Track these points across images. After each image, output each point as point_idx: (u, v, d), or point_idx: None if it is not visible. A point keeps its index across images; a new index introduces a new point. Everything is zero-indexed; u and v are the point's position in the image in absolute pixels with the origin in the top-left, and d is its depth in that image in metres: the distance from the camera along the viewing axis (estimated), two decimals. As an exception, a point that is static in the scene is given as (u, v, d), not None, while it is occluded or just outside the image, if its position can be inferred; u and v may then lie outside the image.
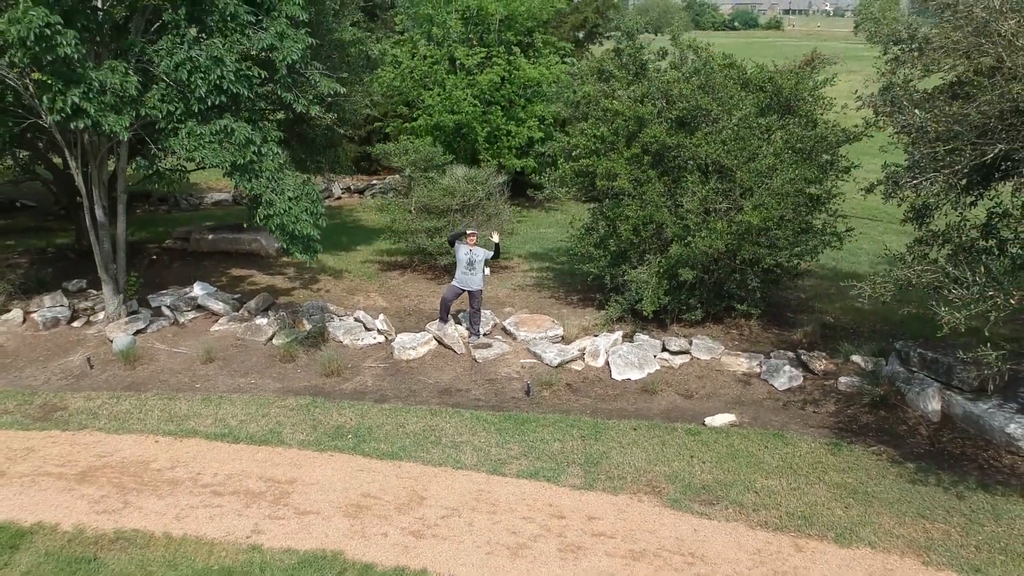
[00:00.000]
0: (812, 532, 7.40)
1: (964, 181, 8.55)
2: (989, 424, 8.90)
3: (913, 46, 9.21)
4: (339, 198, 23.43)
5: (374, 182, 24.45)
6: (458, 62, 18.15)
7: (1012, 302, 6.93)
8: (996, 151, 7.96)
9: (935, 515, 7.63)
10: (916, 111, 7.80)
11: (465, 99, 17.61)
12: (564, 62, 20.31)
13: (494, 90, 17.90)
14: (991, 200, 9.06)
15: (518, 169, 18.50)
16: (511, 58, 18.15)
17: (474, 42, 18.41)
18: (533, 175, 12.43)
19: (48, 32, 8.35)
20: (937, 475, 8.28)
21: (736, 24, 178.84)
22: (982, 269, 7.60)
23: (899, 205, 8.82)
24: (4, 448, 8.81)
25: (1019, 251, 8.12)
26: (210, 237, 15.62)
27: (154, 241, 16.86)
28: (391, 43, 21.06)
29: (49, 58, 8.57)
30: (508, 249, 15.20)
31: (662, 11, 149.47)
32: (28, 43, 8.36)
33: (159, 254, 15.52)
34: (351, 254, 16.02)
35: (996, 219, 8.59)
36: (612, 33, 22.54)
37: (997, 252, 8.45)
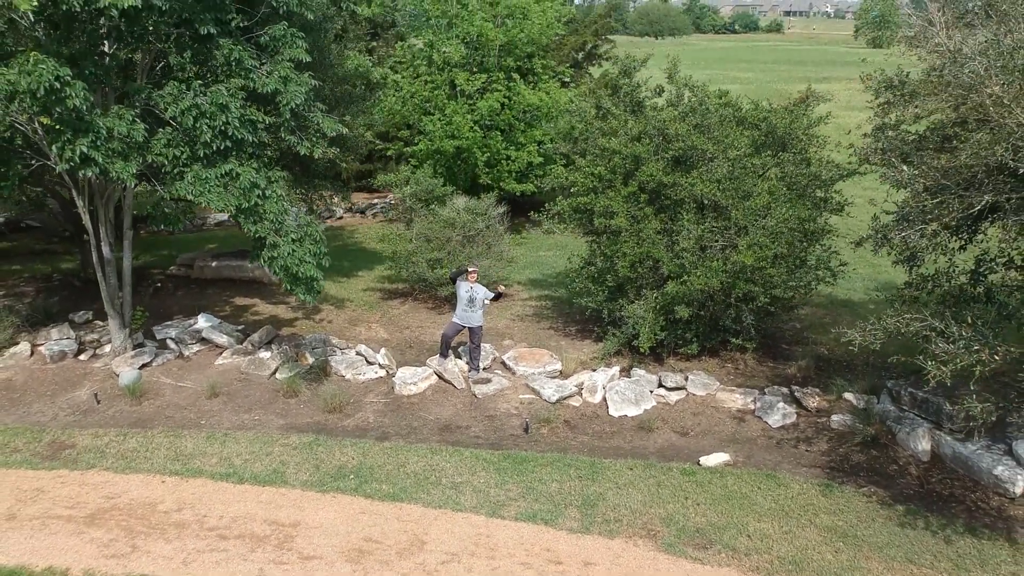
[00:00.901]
0: (803, 578, 7.59)
1: (954, 223, 8.78)
2: (977, 465, 9.08)
3: (905, 91, 9.43)
4: (341, 217, 23.65)
5: (375, 201, 24.68)
6: (458, 88, 18.37)
7: (996, 357, 7.13)
8: (983, 202, 8.17)
9: (923, 560, 7.82)
10: (904, 168, 7.99)
11: (465, 124, 17.83)
12: (565, 84, 20.59)
13: (494, 115, 18.12)
14: (978, 246, 9.25)
15: (518, 194, 18.72)
16: (511, 84, 18.37)
17: (474, 68, 18.63)
18: (534, 213, 12.61)
19: (58, 85, 8.56)
20: (925, 518, 8.47)
21: (736, 27, 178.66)
22: (968, 321, 7.81)
23: (888, 254, 9.02)
24: (15, 489, 9.01)
25: (1006, 299, 8.32)
26: (213, 264, 15.82)
27: (158, 266, 17.06)
28: (391, 62, 21.33)
29: (59, 109, 8.79)
30: (508, 276, 15.40)
31: (662, 14, 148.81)
32: (38, 95, 8.57)
33: (163, 281, 15.73)
34: (353, 281, 16.22)
35: (983, 266, 8.78)
36: (611, 55, 22.88)
37: (984, 299, 8.65)
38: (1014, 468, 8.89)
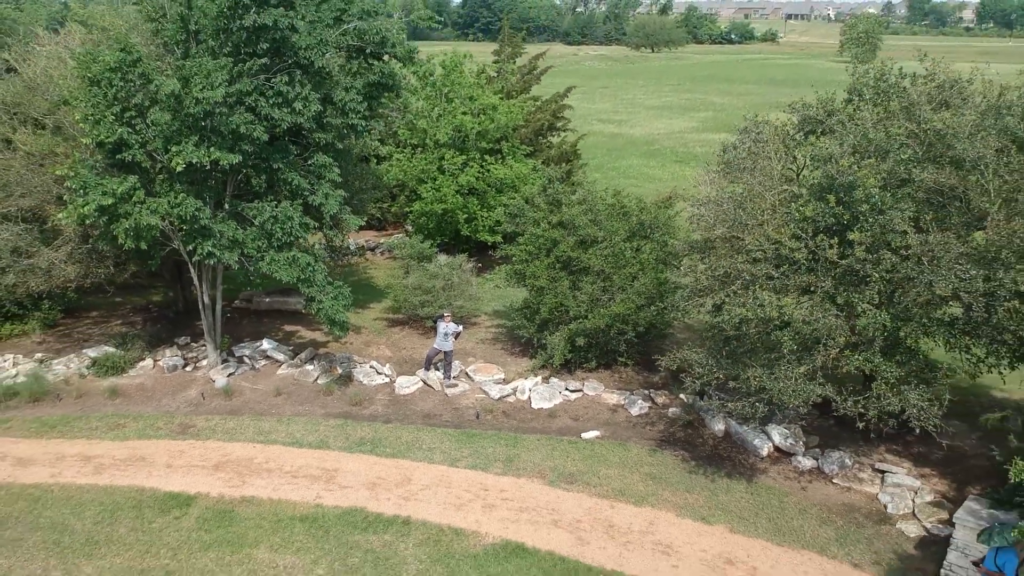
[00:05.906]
0: (622, 499, 13.04)
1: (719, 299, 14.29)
2: (747, 439, 14.62)
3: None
4: (355, 255, 29.09)
5: (381, 240, 30.10)
6: (445, 164, 23.94)
7: (721, 376, 12.71)
8: (728, 289, 13.73)
9: (693, 489, 13.30)
10: (681, 268, 13.54)
11: (450, 192, 23.40)
12: (529, 155, 26.13)
13: (471, 185, 23.69)
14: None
15: (490, 242, 24.28)
16: (483, 163, 23.95)
17: (457, 147, 24.19)
18: (495, 269, 18.07)
19: (196, 213, 14.16)
20: (705, 468, 13.94)
21: (733, 36, 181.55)
22: (724, 353, 13.38)
23: (687, 312, 14.60)
24: (166, 451, 14.53)
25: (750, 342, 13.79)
26: (267, 300, 21.33)
27: (223, 298, 22.52)
28: (396, 127, 26.85)
29: (194, 225, 14.39)
30: (478, 309, 20.94)
31: (659, 27, 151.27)
32: (184, 218, 14.17)
33: (232, 312, 21.29)
34: (366, 312, 21.70)
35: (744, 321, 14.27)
36: (567, 130, 28.62)
37: (746, 341, 14.15)
38: (764, 440, 14.43)
